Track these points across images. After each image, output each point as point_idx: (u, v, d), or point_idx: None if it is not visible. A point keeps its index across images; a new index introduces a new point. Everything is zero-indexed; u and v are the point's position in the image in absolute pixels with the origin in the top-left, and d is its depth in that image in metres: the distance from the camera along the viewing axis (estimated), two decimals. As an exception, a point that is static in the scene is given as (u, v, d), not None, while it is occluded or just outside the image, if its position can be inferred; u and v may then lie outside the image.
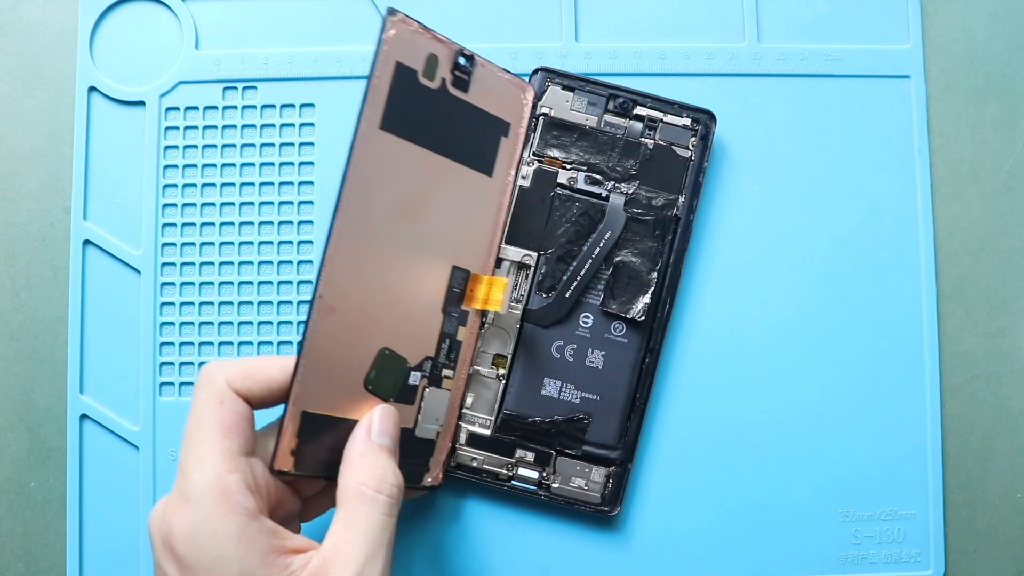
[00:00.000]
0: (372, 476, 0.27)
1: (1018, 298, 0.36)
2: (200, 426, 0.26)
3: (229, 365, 0.27)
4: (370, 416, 0.29)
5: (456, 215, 0.31)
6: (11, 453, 0.36)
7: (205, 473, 0.25)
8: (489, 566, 0.35)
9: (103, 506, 0.35)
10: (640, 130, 0.34)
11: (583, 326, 0.34)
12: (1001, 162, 0.37)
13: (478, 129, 0.32)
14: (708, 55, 0.36)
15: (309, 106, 0.36)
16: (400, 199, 0.29)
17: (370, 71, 0.28)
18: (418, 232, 0.30)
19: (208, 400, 0.27)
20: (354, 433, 0.28)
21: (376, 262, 0.29)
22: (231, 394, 0.27)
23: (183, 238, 0.36)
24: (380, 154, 0.28)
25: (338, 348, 0.28)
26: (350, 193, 0.27)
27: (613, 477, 0.34)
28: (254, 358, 0.28)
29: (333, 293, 0.27)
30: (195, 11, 0.36)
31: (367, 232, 0.28)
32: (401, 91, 0.28)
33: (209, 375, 0.27)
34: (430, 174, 0.30)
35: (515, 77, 0.33)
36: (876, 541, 0.35)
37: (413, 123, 0.29)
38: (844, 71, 0.36)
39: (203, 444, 0.26)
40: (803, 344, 0.35)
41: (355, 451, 0.28)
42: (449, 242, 0.31)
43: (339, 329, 0.28)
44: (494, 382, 0.34)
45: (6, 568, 0.35)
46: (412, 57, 0.29)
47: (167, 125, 0.36)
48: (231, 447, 0.26)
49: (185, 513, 0.25)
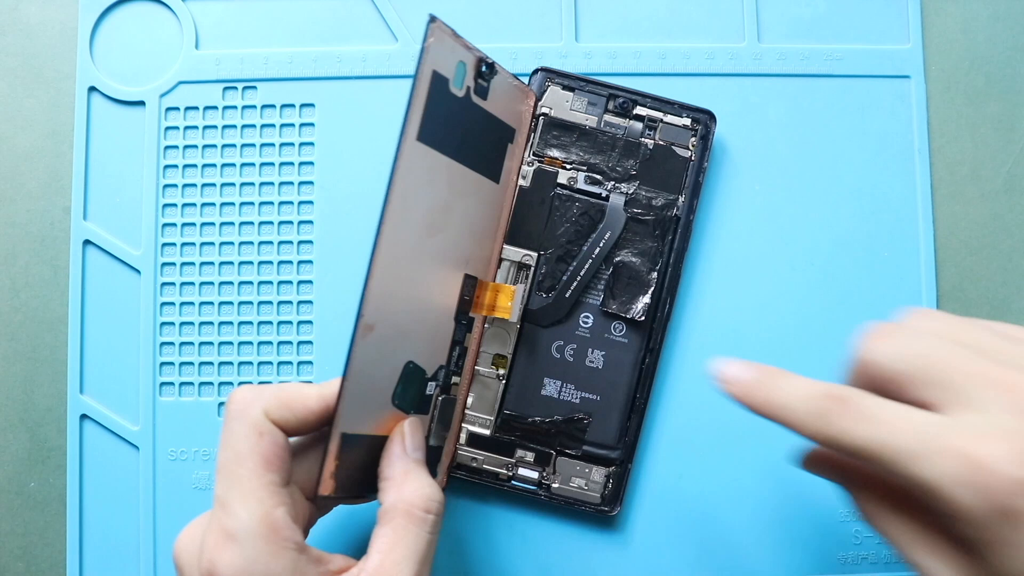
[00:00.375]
0: (420, 496, 0.27)
1: (1018, 298, 0.36)
2: (240, 460, 0.25)
3: (263, 394, 0.26)
4: (400, 431, 0.28)
5: (469, 223, 0.31)
6: (11, 453, 0.36)
7: (252, 510, 0.25)
8: (489, 566, 0.35)
9: (103, 506, 0.35)
10: (640, 130, 0.34)
11: (583, 326, 0.34)
12: (1001, 162, 0.37)
13: (490, 136, 0.31)
14: (708, 55, 0.36)
15: (309, 106, 0.36)
16: (428, 211, 0.28)
17: (413, 81, 0.27)
18: (439, 242, 0.29)
19: (247, 433, 0.26)
20: (389, 449, 0.28)
21: (405, 276, 0.28)
22: (270, 426, 0.26)
23: (183, 238, 0.36)
24: (416, 166, 0.27)
25: (373, 366, 0.27)
26: (392, 208, 0.26)
27: (613, 477, 0.34)
28: (287, 386, 0.27)
29: (372, 311, 0.26)
30: (195, 11, 0.36)
31: (402, 246, 0.27)
32: (435, 101, 0.28)
33: (243, 405, 0.26)
34: (451, 184, 0.29)
35: (521, 83, 0.32)
36: (876, 542, 0.35)
37: (442, 133, 0.28)
38: (844, 71, 0.36)
39: (246, 479, 0.25)
40: (803, 344, 0.35)
41: (397, 470, 0.28)
42: (462, 250, 0.31)
43: (375, 347, 0.27)
44: (494, 382, 0.34)
45: (6, 568, 0.35)
46: (445, 65, 0.28)
47: (167, 125, 0.36)
48: (274, 480, 0.25)
49: (232, 552, 0.24)
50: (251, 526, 0.24)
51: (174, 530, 0.35)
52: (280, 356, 0.35)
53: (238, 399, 0.26)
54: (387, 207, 0.26)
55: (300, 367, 0.35)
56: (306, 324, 0.35)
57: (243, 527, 0.24)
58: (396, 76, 0.36)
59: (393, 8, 0.36)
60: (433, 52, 0.27)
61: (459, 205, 0.30)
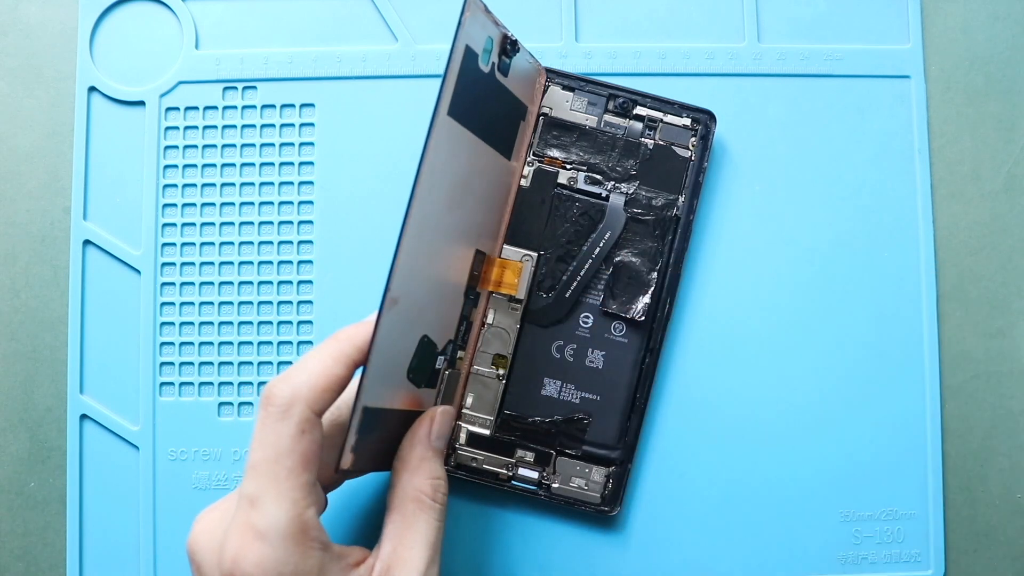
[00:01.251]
0: (430, 484, 0.27)
1: (1018, 298, 0.36)
2: (279, 459, 0.25)
3: (300, 386, 0.25)
4: (430, 417, 0.29)
5: (483, 199, 0.31)
6: (11, 453, 0.36)
7: (285, 511, 0.24)
8: (489, 566, 0.35)
9: (103, 506, 0.35)
10: (640, 130, 0.34)
11: (583, 326, 0.34)
12: (1001, 162, 0.37)
13: (507, 113, 0.32)
14: (708, 55, 0.36)
15: (309, 106, 0.36)
16: (451, 186, 0.28)
17: (449, 55, 0.26)
18: (457, 218, 0.30)
19: (291, 432, 0.25)
20: (415, 433, 0.28)
21: (427, 250, 0.28)
22: (315, 422, 0.26)
23: (183, 238, 0.36)
24: (446, 141, 0.27)
25: (395, 340, 0.27)
26: (423, 183, 0.26)
27: (613, 477, 0.34)
28: (316, 371, 0.26)
29: (398, 285, 0.26)
30: (195, 11, 0.36)
31: (427, 221, 0.27)
32: (465, 76, 0.28)
33: (286, 403, 0.25)
34: (472, 160, 0.30)
35: (535, 60, 0.33)
36: (876, 541, 0.35)
37: (469, 108, 0.28)
38: (844, 71, 0.36)
39: (283, 479, 0.25)
40: (803, 343, 0.35)
41: (415, 454, 0.28)
42: (475, 226, 0.31)
43: (397, 320, 0.27)
44: (494, 382, 0.34)
45: (6, 568, 0.35)
46: (476, 41, 0.28)
47: (167, 125, 0.36)
48: (309, 480, 0.25)
49: (261, 552, 0.24)
50: (283, 526, 0.24)
51: (174, 530, 0.35)
52: (280, 356, 0.35)
53: (278, 396, 0.25)
54: (418, 181, 0.26)
55: (300, 367, 0.35)
56: (306, 324, 0.35)
57: (274, 527, 0.24)
58: (396, 76, 0.36)
59: (393, 8, 0.36)
60: (468, 27, 0.27)
61: (476, 181, 0.30)
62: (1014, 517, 0.36)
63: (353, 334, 0.27)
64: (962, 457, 0.36)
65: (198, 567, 0.26)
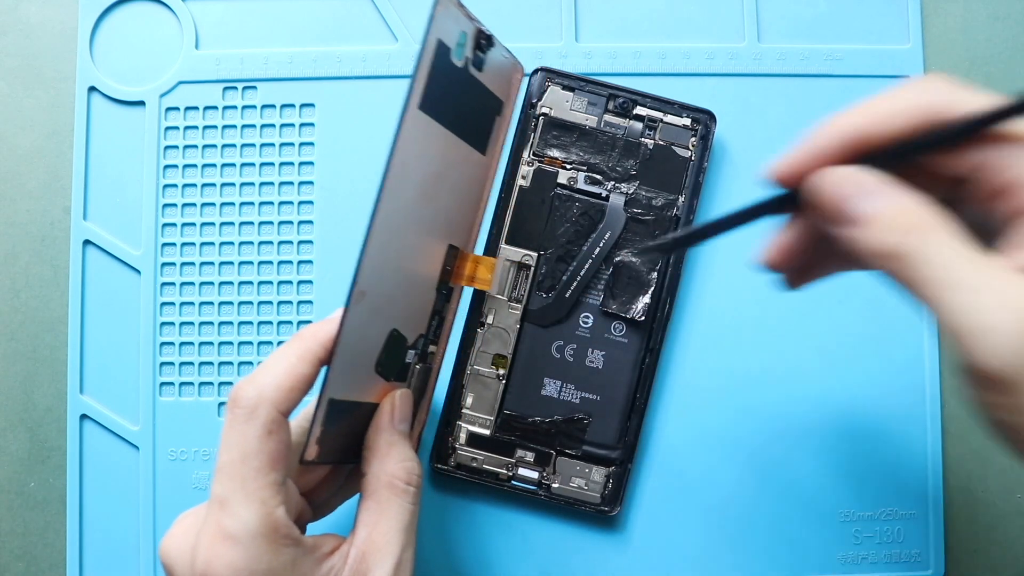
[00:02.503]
0: (402, 468, 0.27)
1: (1018, 298, 0.36)
2: (246, 459, 0.25)
3: (266, 386, 0.25)
4: (391, 402, 0.29)
5: (456, 194, 0.31)
6: (11, 453, 0.36)
7: (254, 511, 0.24)
8: (489, 566, 0.35)
9: (103, 506, 0.35)
10: (640, 130, 0.34)
11: (583, 326, 0.34)
12: (1001, 162, 0.37)
13: (481, 108, 0.32)
14: (708, 55, 0.36)
15: (309, 106, 0.36)
16: (422, 180, 0.29)
17: (420, 49, 0.26)
18: (428, 212, 0.30)
19: (257, 433, 0.25)
20: (378, 420, 0.28)
21: (397, 244, 0.28)
22: (281, 422, 0.26)
23: (183, 238, 0.36)
24: (416, 135, 0.27)
25: (362, 332, 0.27)
26: (392, 177, 0.26)
27: (613, 477, 0.34)
28: (282, 370, 0.26)
29: (366, 278, 0.26)
30: (195, 11, 0.36)
31: (397, 215, 0.27)
32: (437, 70, 0.28)
33: (251, 404, 0.25)
34: (445, 154, 0.30)
35: (512, 56, 0.33)
36: (876, 541, 0.35)
37: (441, 103, 0.28)
38: (844, 71, 0.36)
39: (251, 480, 0.25)
40: (803, 343, 0.35)
41: (382, 440, 0.28)
42: (447, 221, 0.31)
43: (365, 313, 0.27)
44: (494, 382, 0.34)
45: (6, 568, 0.35)
46: (449, 35, 0.28)
47: (167, 125, 0.36)
48: (277, 479, 0.25)
49: (232, 553, 0.24)
50: (252, 527, 0.24)
51: (174, 530, 0.35)
52: (280, 356, 0.35)
53: (244, 398, 0.26)
54: (387, 175, 0.26)
55: (300, 367, 0.35)
56: (306, 324, 0.35)
57: (244, 528, 0.24)
58: (396, 76, 0.36)
59: (393, 8, 0.36)
60: (439, 20, 0.27)
61: (449, 175, 0.30)
62: (1014, 517, 0.36)
63: (317, 331, 0.27)
64: (962, 457, 0.35)
65: (170, 572, 0.26)
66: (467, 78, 0.30)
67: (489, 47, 0.30)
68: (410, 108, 0.26)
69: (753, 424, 0.35)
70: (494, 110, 0.32)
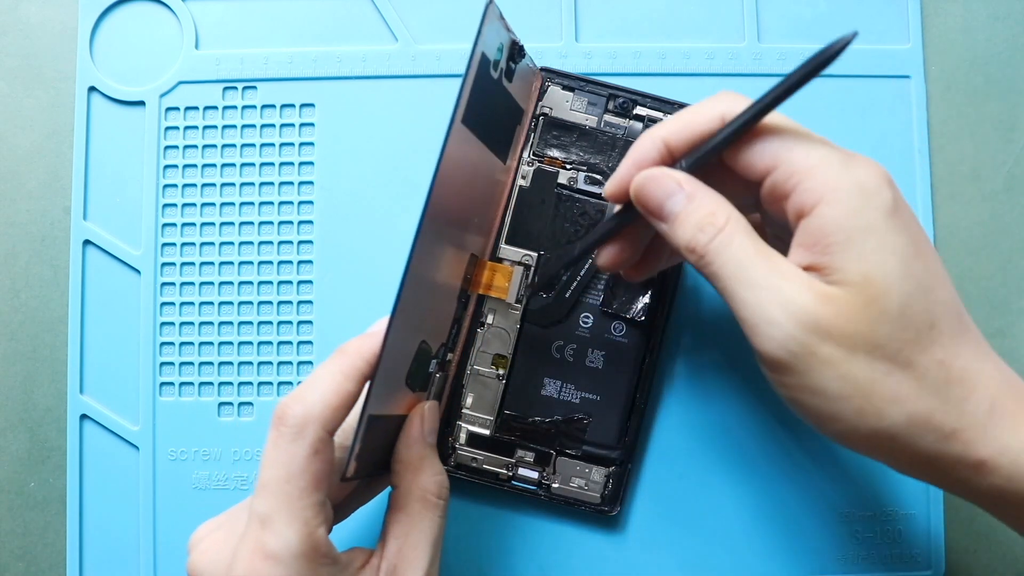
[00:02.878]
0: (434, 482, 0.28)
1: (1018, 298, 0.36)
2: (291, 478, 0.25)
3: (314, 405, 0.25)
4: (420, 414, 0.29)
5: (480, 203, 0.31)
6: (11, 453, 0.36)
7: (298, 531, 0.24)
8: (489, 566, 0.35)
9: (103, 506, 0.35)
10: (640, 130, 0.34)
11: (583, 326, 0.34)
12: (1001, 162, 0.37)
13: (507, 117, 0.32)
14: (708, 55, 0.36)
15: (309, 106, 0.36)
16: (457, 192, 0.28)
17: (468, 64, 0.26)
18: (460, 222, 0.29)
19: (303, 453, 0.25)
20: (408, 433, 0.28)
21: (433, 256, 0.28)
22: (328, 441, 0.25)
23: (183, 238, 0.36)
24: (458, 149, 0.27)
25: (399, 346, 0.27)
26: (436, 194, 0.26)
27: (613, 477, 0.34)
28: (327, 385, 0.26)
29: (408, 292, 0.26)
30: (195, 11, 0.36)
31: (435, 229, 0.27)
32: (479, 83, 0.27)
33: (300, 423, 0.25)
34: (476, 164, 0.29)
35: (533, 63, 0.33)
36: (876, 541, 0.35)
37: (478, 115, 0.28)
38: (844, 71, 0.36)
39: (295, 500, 0.25)
40: (803, 344, 0.35)
41: (414, 454, 0.28)
42: (471, 229, 0.31)
43: (402, 327, 0.27)
44: (494, 382, 0.34)
45: (6, 568, 0.35)
46: (490, 48, 0.28)
47: (167, 125, 0.36)
48: (320, 499, 0.25)
49: (272, 571, 0.24)
50: (295, 547, 0.24)
51: (174, 530, 0.35)
52: (280, 356, 0.35)
53: (291, 416, 0.25)
54: (432, 192, 0.25)
55: (300, 367, 0.35)
56: (306, 324, 0.35)
57: (287, 547, 0.24)
58: (396, 76, 0.36)
59: (393, 8, 0.36)
60: (487, 34, 0.27)
61: (476, 185, 0.30)
62: (1014, 517, 0.36)
63: (360, 346, 0.26)
64: (962, 457, 0.35)
65: None
66: (500, 89, 0.30)
67: (521, 58, 0.30)
68: (455, 124, 0.26)
69: (753, 424, 0.35)
70: (515, 118, 0.32)
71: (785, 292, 0.23)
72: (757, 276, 0.23)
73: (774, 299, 0.23)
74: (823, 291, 0.23)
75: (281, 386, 0.35)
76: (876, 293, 0.22)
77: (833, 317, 0.22)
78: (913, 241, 0.23)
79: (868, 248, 0.22)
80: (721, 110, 0.25)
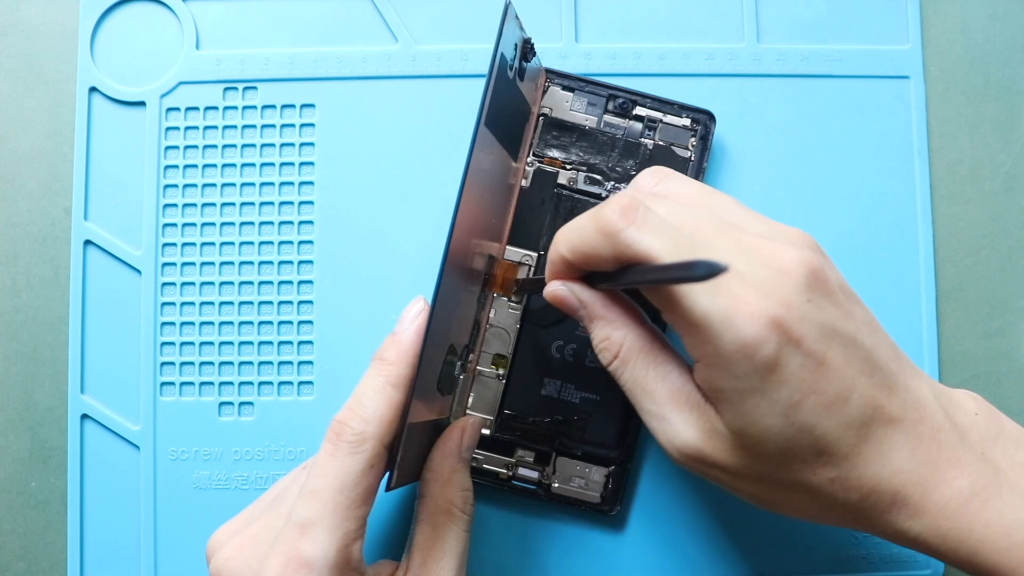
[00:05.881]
0: (460, 496, 0.28)
1: (1018, 298, 0.36)
2: (343, 489, 0.25)
3: (371, 420, 0.26)
4: (460, 428, 0.29)
5: (496, 203, 0.31)
6: (12, 453, 0.36)
7: (336, 542, 0.25)
8: (489, 566, 0.35)
9: (104, 506, 0.35)
10: (640, 130, 0.34)
11: (583, 326, 0.34)
12: (1001, 162, 0.37)
13: (518, 116, 0.32)
14: (708, 55, 0.36)
15: (309, 106, 0.36)
16: (480, 195, 0.28)
17: (491, 66, 0.26)
18: (481, 224, 0.30)
19: (360, 467, 0.25)
20: (445, 446, 0.29)
21: (460, 259, 0.28)
22: (384, 456, 0.26)
23: (184, 238, 0.36)
24: (482, 151, 0.27)
25: (432, 352, 0.27)
26: (465, 199, 0.26)
27: (613, 477, 0.34)
28: (381, 398, 0.26)
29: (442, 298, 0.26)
30: (195, 11, 0.37)
31: (463, 231, 0.27)
32: (499, 83, 0.28)
33: (356, 436, 0.25)
34: (494, 165, 0.29)
35: (539, 61, 0.33)
36: (876, 541, 0.35)
37: (496, 116, 0.28)
38: (844, 71, 0.36)
39: (342, 511, 0.25)
40: (803, 344, 0.35)
41: (446, 466, 0.28)
42: (490, 230, 0.31)
43: (435, 334, 0.27)
44: (494, 382, 0.34)
45: (6, 568, 0.35)
46: (507, 48, 0.28)
47: (168, 125, 0.36)
48: (364, 514, 0.26)
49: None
50: (331, 557, 0.25)
51: (175, 530, 0.35)
52: (280, 356, 0.35)
53: (350, 432, 0.26)
54: (462, 196, 0.25)
55: (300, 367, 0.35)
56: (306, 324, 0.35)
57: (324, 557, 0.24)
58: (396, 76, 0.36)
59: (393, 8, 0.36)
60: (506, 35, 0.27)
61: (493, 185, 0.30)
62: (1014, 517, 0.36)
63: (401, 353, 0.27)
64: (962, 457, 0.35)
65: None
66: (515, 90, 0.30)
67: (532, 56, 0.31)
68: (481, 126, 0.26)
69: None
70: (524, 116, 0.32)
71: (674, 425, 0.25)
72: (650, 404, 0.25)
73: (666, 429, 0.25)
74: (708, 427, 0.24)
75: (281, 386, 0.35)
76: (753, 442, 0.23)
77: (716, 453, 0.24)
78: (800, 385, 0.22)
79: (745, 408, 0.23)
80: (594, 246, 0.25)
